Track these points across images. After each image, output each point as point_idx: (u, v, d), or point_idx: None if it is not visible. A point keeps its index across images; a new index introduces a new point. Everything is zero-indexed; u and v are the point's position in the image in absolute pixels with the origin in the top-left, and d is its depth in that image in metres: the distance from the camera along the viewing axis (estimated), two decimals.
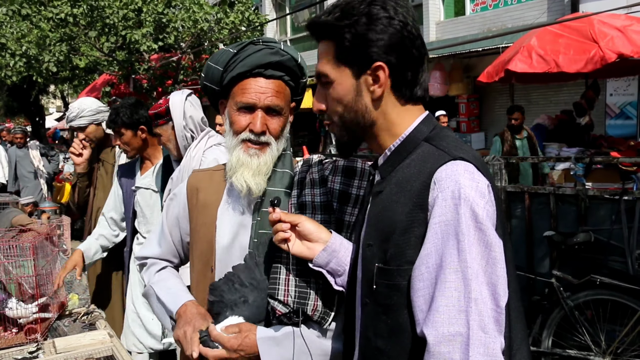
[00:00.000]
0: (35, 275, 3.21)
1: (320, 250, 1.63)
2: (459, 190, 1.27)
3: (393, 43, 1.37)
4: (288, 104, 1.87)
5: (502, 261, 1.27)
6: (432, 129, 1.44)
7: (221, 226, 1.90)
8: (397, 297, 1.34)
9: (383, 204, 1.41)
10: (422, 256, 1.29)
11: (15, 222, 6.10)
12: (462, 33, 12.93)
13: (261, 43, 1.85)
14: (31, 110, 23.82)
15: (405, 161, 1.41)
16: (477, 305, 1.22)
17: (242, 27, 12.78)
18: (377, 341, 1.38)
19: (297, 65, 1.87)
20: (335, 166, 1.84)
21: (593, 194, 4.88)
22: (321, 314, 1.68)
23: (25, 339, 2.95)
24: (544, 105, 11.81)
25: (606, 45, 6.70)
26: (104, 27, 11.92)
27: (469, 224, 1.25)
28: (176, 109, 3.14)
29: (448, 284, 1.23)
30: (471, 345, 1.20)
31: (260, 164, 1.80)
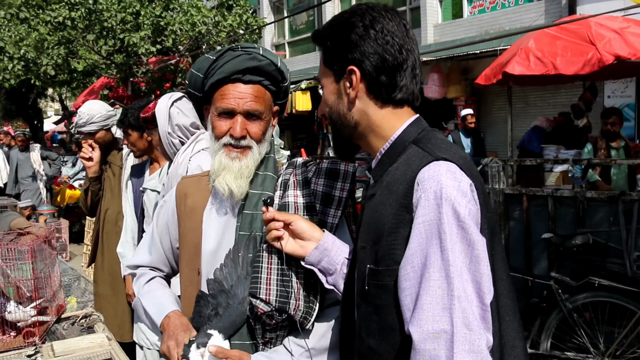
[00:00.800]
0: (33, 279, 3.21)
1: (313, 248, 1.66)
2: (440, 190, 1.31)
3: (366, 49, 1.46)
4: (269, 108, 1.88)
5: (486, 259, 1.31)
6: (421, 131, 1.49)
7: (207, 230, 1.91)
8: (385, 297, 1.38)
9: (375, 207, 1.46)
10: (407, 256, 1.32)
11: (14, 226, 6.10)
12: (460, 35, 12.94)
13: (240, 49, 1.88)
14: (29, 113, 23.79)
15: (394, 164, 1.46)
16: (460, 303, 1.25)
17: (240, 30, 12.79)
18: (369, 340, 1.43)
19: (277, 70, 1.88)
20: (318, 168, 1.86)
21: (591, 196, 4.89)
22: (303, 313, 1.69)
23: (24, 342, 2.95)
24: (541, 107, 11.83)
25: (603, 47, 6.71)
26: (102, 30, 11.93)
27: (451, 222, 1.29)
28: (160, 116, 3.07)
29: (432, 282, 1.27)
30: (455, 342, 1.23)
31: (241, 167, 1.82)
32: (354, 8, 1.52)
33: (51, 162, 12.13)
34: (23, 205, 8.94)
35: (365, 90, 1.49)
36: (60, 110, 26.75)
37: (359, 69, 1.47)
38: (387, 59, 1.47)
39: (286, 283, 1.69)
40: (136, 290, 2.10)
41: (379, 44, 1.46)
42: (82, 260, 8.30)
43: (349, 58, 1.48)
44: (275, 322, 1.70)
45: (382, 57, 1.46)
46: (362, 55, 1.47)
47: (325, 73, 1.56)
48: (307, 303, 1.70)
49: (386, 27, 1.47)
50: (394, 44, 1.47)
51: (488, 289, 1.30)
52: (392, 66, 1.47)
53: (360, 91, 1.49)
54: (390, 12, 1.50)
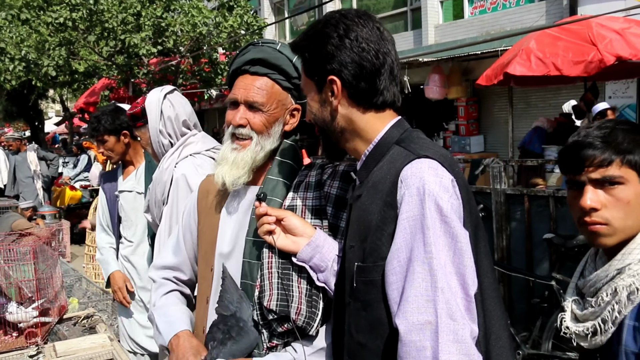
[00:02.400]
0: (35, 279, 3.22)
1: (305, 244, 1.67)
2: (423, 186, 1.36)
3: (343, 59, 1.51)
4: (276, 102, 1.85)
5: (469, 252, 1.35)
6: (403, 132, 1.54)
7: (223, 228, 1.93)
8: (373, 292, 1.42)
9: (361, 206, 1.50)
10: (393, 251, 1.37)
11: (15, 227, 6.11)
12: (461, 36, 12.94)
13: (260, 44, 1.90)
14: (30, 114, 23.83)
15: (379, 165, 1.50)
16: (444, 294, 1.29)
17: (241, 31, 12.79)
18: (359, 336, 1.46)
19: (293, 65, 1.86)
20: (334, 171, 1.84)
21: None
22: (306, 318, 1.67)
23: (26, 342, 2.95)
24: (542, 108, 11.82)
25: (605, 48, 6.71)
26: (103, 32, 11.93)
27: (434, 217, 1.34)
28: (151, 110, 2.88)
29: (416, 275, 1.31)
30: (440, 333, 1.27)
31: (236, 159, 1.84)
32: (328, 17, 1.56)
33: (49, 163, 12.14)
34: (24, 206, 8.95)
35: (347, 97, 1.54)
36: (61, 111, 26.74)
37: (339, 78, 1.51)
38: (364, 65, 1.51)
39: (286, 287, 1.69)
40: (152, 301, 2.10)
41: (355, 52, 1.50)
42: (83, 262, 8.30)
43: (327, 69, 1.52)
44: (285, 329, 1.69)
45: (360, 65, 1.51)
46: (340, 65, 1.51)
47: (307, 83, 1.61)
48: (310, 308, 1.68)
49: (360, 35, 1.51)
50: (370, 50, 1.51)
51: (472, 280, 1.34)
52: (370, 72, 1.52)
53: (342, 99, 1.53)
54: (363, 17, 1.54)
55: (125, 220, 3.65)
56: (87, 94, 15.67)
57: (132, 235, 3.60)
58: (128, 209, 3.62)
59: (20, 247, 3.34)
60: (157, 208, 2.91)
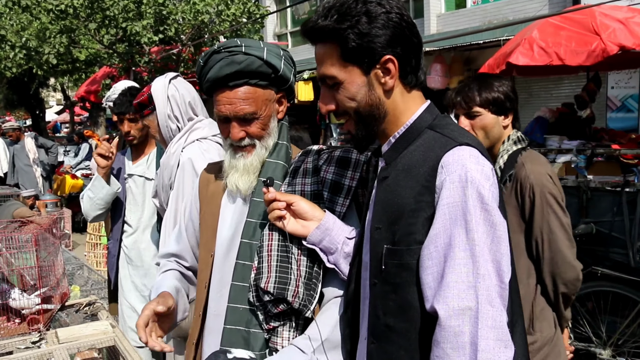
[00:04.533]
0: (37, 267, 3.22)
1: (314, 228, 1.69)
2: (465, 173, 1.35)
3: (396, 35, 1.45)
4: (264, 103, 1.87)
5: (506, 240, 1.37)
6: (435, 117, 1.53)
7: (223, 215, 1.96)
8: (405, 275, 1.42)
9: (390, 188, 1.48)
10: (431, 236, 1.37)
11: (17, 215, 6.12)
12: (463, 25, 12.89)
13: (222, 50, 1.85)
14: (31, 103, 23.79)
15: (410, 147, 1.49)
16: (484, 281, 1.31)
17: (243, 19, 12.73)
18: (387, 319, 1.46)
19: (265, 63, 1.84)
20: (330, 156, 1.86)
21: (595, 186, 4.88)
22: (302, 301, 1.69)
23: (28, 329, 2.96)
24: (545, 98, 11.79)
25: (608, 37, 6.67)
26: (104, 19, 11.88)
27: (475, 205, 1.34)
28: (159, 96, 2.92)
29: (457, 261, 1.32)
30: (480, 319, 1.28)
31: (246, 164, 1.88)
32: None
33: (48, 150, 12.13)
34: (26, 194, 8.97)
35: (398, 76, 1.49)
36: (62, 100, 26.70)
37: (394, 55, 1.46)
38: (413, 42, 1.49)
39: (285, 269, 1.72)
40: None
41: (405, 27, 1.46)
42: (84, 250, 8.32)
43: (381, 48, 1.45)
44: (280, 310, 1.72)
45: (410, 40, 1.48)
46: (393, 42, 1.45)
47: (346, 68, 1.49)
48: (308, 291, 1.71)
49: (401, 9, 1.48)
50: (412, 24, 1.49)
51: (507, 268, 1.35)
52: (417, 48, 1.50)
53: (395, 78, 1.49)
54: None
55: (132, 204, 3.65)
56: (88, 83, 15.61)
57: (137, 220, 3.62)
58: (136, 192, 3.63)
59: (21, 234, 3.34)
60: (164, 192, 2.95)
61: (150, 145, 3.78)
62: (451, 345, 1.29)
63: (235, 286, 1.84)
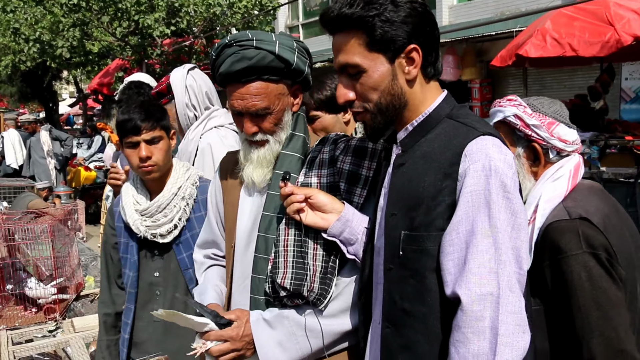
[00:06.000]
0: (53, 257, 3.27)
1: (334, 220, 1.70)
2: (489, 162, 1.38)
3: (420, 25, 1.47)
4: (277, 98, 1.84)
5: (526, 228, 1.41)
6: (453, 107, 1.55)
7: (242, 206, 1.97)
8: (425, 261, 1.45)
9: (407, 175, 1.50)
10: (453, 222, 1.40)
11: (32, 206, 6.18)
12: (475, 17, 12.80)
13: (233, 44, 1.82)
14: (44, 95, 23.93)
15: (429, 135, 1.51)
16: (505, 268, 1.35)
17: (255, 11, 12.73)
18: (404, 303, 1.48)
19: (277, 57, 1.80)
20: (347, 146, 1.85)
21: (608, 177, 4.86)
22: (317, 295, 1.72)
23: (45, 318, 3.01)
24: (557, 89, 11.70)
25: (622, 27, 6.61)
26: (116, 12, 11.93)
27: (498, 193, 1.37)
28: (177, 86, 3.00)
29: (480, 247, 1.35)
30: (501, 304, 1.32)
31: (259, 157, 1.87)
32: None
33: (62, 143, 12.22)
34: (40, 186, 9.04)
35: (420, 67, 1.51)
36: (75, 92, 26.85)
37: (419, 45, 1.48)
38: (435, 33, 1.51)
39: (301, 265, 1.73)
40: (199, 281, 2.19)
41: (427, 18, 1.49)
42: (98, 242, 8.38)
43: (406, 37, 1.46)
44: (296, 304, 1.76)
45: (431, 32, 1.50)
46: (417, 32, 1.47)
47: (371, 56, 1.49)
48: (323, 285, 1.72)
49: (424, 0, 1.50)
50: (432, 15, 1.51)
51: (526, 255, 1.39)
52: (436, 40, 1.52)
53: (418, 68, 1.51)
54: None
55: None
56: (100, 75, 15.70)
57: None
58: None
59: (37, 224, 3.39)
60: None
61: None
62: (472, 329, 1.32)
63: (255, 278, 1.86)
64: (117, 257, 2.49)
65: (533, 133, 1.88)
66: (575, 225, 1.73)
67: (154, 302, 2.41)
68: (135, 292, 2.42)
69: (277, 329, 1.77)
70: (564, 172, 1.86)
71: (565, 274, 1.70)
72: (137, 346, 2.44)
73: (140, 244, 2.41)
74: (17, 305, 3.14)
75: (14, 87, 23.90)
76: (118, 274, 2.52)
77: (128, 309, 2.44)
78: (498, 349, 1.30)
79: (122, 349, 2.45)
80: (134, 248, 2.40)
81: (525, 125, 1.88)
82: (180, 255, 2.39)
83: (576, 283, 1.68)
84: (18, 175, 11.41)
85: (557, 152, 1.90)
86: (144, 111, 2.29)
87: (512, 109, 1.91)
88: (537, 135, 1.88)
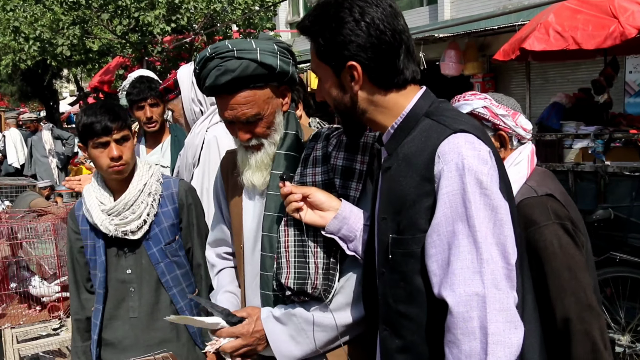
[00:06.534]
0: (57, 255, 3.25)
1: (332, 218, 1.72)
2: (462, 161, 1.38)
3: (361, 44, 1.48)
4: (266, 103, 1.86)
5: (509, 222, 1.40)
6: (431, 103, 1.56)
7: (246, 207, 2.01)
8: (412, 263, 1.46)
9: (392, 179, 1.52)
10: (433, 225, 1.41)
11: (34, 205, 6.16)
12: (477, 11, 12.77)
13: (214, 56, 1.82)
14: (45, 94, 23.91)
15: (409, 137, 1.52)
16: (489, 265, 1.34)
17: (255, 7, 12.70)
18: (398, 306, 1.51)
19: (260, 65, 1.81)
20: (339, 141, 1.88)
21: (613, 171, 4.83)
22: (321, 290, 1.75)
23: (49, 316, 3.00)
24: (561, 83, 11.67)
25: (626, 20, 6.57)
26: (116, 10, 11.90)
27: (474, 191, 1.37)
28: (184, 81, 3.10)
29: (461, 248, 1.36)
30: (488, 303, 1.32)
31: (257, 161, 1.91)
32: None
33: (64, 142, 12.21)
34: (42, 185, 9.03)
35: (368, 81, 1.53)
36: (75, 91, 26.83)
37: (359, 63, 1.50)
38: (383, 48, 1.50)
39: (303, 264, 1.77)
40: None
41: (373, 36, 1.49)
42: None
43: (345, 54, 1.51)
44: (301, 300, 1.80)
45: (379, 48, 1.50)
46: (358, 50, 1.49)
47: (322, 67, 1.58)
48: (326, 280, 1.76)
49: (376, 16, 1.49)
50: (386, 30, 1.49)
51: (512, 249, 1.38)
52: (389, 54, 1.51)
53: (363, 82, 1.53)
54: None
55: None
56: (101, 73, 15.67)
57: None
58: None
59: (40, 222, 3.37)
60: (187, 171, 3.08)
61: (165, 133, 3.81)
62: (461, 331, 1.33)
63: (264, 276, 1.91)
64: (84, 261, 2.52)
65: (501, 122, 2.07)
66: (543, 201, 1.96)
67: (129, 299, 2.47)
68: (103, 292, 2.46)
69: (288, 325, 1.81)
70: (523, 157, 2.09)
71: (539, 242, 1.89)
72: (114, 346, 2.48)
73: (107, 243, 2.44)
74: (21, 303, 3.12)
75: (14, 86, 23.89)
76: (86, 277, 2.54)
77: (97, 309, 2.47)
78: (490, 348, 1.30)
79: (92, 350, 2.49)
80: (101, 249, 2.43)
81: (494, 115, 2.06)
82: (151, 250, 2.45)
83: (549, 250, 1.89)
84: (19, 174, 11.40)
85: (518, 139, 2.12)
86: (112, 112, 2.34)
87: (480, 102, 2.08)
88: (504, 124, 2.08)
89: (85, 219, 2.45)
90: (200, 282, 2.58)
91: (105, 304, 2.46)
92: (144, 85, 3.62)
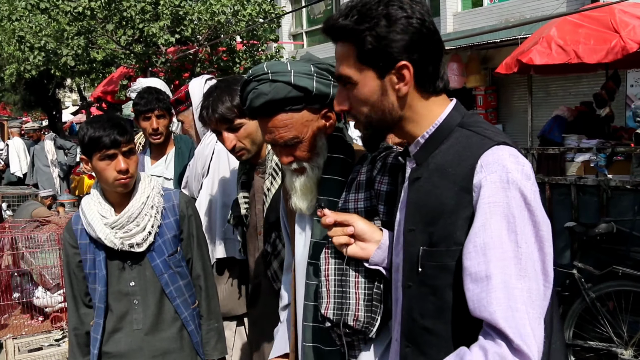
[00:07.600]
0: (60, 266, 3.25)
1: (375, 249, 1.66)
2: (506, 174, 1.32)
3: (414, 41, 1.41)
4: (304, 126, 1.81)
5: (549, 239, 1.34)
6: (463, 115, 1.50)
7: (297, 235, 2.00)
8: (444, 277, 1.40)
9: (424, 189, 1.46)
10: (471, 235, 1.33)
11: (36, 215, 6.18)
12: (480, 24, 12.83)
13: (252, 79, 1.81)
14: (48, 104, 23.99)
15: (442, 147, 1.46)
16: (529, 282, 1.28)
17: (259, 19, 12.76)
18: (424, 321, 1.44)
19: (294, 87, 1.77)
20: (383, 164, 1.79)
21: (615, 185, 4.83)
22: (364, 323, 1.69)
23: (52, 327, 2.99)
24: (563, 96, 11.70)
25: (627, 34, 6.61)
26: (121, 20, 11.96)
27: (519, 204, 1.31)
28: (195, 93, 3.14)
29: (501, 262, 1.29)
30: (525, 320, 1.26)
31: (302, 185, 1.85)
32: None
33: (66, 151, 12.24)
34: (44, 194, 9.05)
35: (414, 83, 1.45)
36: (78, 100, 26.92)
37: (411, 62, 1.42)
38: (432, 49, 1.44)
39: (343, 294, 1.71)
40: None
41: (425, 35, 1.42)
42: None
43: (397, 53, 1.41)
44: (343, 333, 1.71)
45: (428, 47, 1.43)
46: (411, 49, 1.41)
47: (362, 70, 1.46)
48: (368, 313, 1.69)
49: (423, 14, 1.43)
50: (434, 31, 1.45)
51: (550, 267, 1.33)
52: (436, 54, 1.46)
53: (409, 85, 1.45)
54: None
55: None
56: (104, 83, 15.73)
57: None
58: None
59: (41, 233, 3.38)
60: (196, 181, 3.11)
61: (169, 145, 3.81)
62: None
63: (308, 305, 1.85)
64: (82, 275, 2.50)
65: None
66: None
67: (133, 311, 2.46)
68: (104, 306, 2.45)
69: None
70: None
71: None
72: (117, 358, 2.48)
73: (109, 257, 2.44)
74: (24, 314, 3.12)
75: (17, 95, 23.96)
76: (85, 291, 2.53)
77: (97, 324, 2.46)
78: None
79: None
80: (102, 262, 2.42)
81: None
82: (155, 262, 2.45)
83: None
84: (22, 183, 11.42)
85: None
86: (120, 126, 2.34)
87: None
88: None
89: (84, 232, 2.44)
90: (200, 292, 2.59)
91: (106, 317, 2.45)
92: (152, 96, 3.61)
